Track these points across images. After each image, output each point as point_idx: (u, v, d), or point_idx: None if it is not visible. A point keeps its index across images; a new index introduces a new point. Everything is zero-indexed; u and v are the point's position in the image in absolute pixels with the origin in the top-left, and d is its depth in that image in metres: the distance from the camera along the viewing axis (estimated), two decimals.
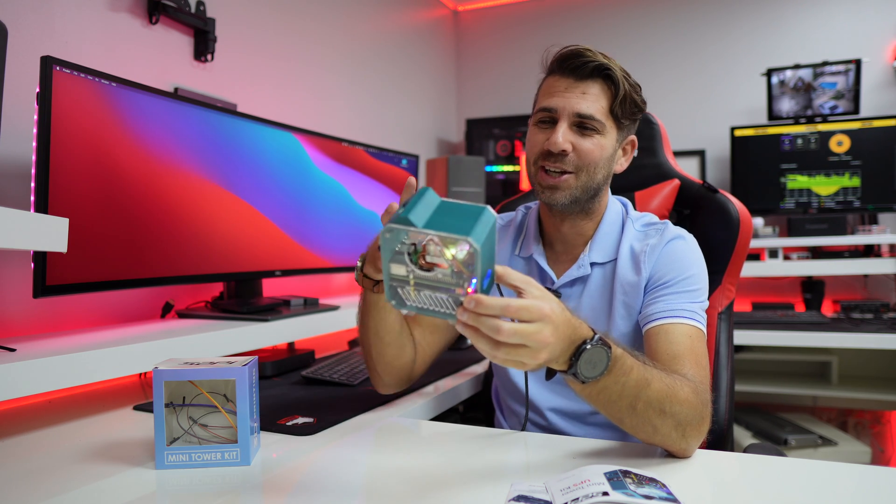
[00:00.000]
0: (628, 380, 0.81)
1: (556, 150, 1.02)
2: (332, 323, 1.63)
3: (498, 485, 0.77)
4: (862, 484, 0.81)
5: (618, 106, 1.04)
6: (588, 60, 1.02)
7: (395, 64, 2.84)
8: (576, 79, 1.03)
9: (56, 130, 1.11)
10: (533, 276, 1.12)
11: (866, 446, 2.37)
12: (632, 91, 1.05)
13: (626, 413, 0.83)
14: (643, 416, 0.83)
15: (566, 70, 1.04)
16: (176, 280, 1.36)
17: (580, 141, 1.03)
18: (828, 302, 2.70)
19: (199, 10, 1.73)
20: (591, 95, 1.03)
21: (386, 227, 0.67)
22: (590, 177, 1.05)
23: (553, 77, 1.07)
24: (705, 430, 0.88)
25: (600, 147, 1.04)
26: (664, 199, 1.38)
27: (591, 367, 0.77)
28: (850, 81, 2.63)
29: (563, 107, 1.03)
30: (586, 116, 1.02)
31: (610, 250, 1.10)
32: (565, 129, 1.03)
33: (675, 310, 0.99)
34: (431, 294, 0.69)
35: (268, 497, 0.80)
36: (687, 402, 0.85)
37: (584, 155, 1.03)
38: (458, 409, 1.59)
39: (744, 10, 2.93)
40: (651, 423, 0.83)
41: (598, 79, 1.03)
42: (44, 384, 1.00)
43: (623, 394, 0.81)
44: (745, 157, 2.75)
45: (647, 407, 0.82)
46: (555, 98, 1.04)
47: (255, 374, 0.91)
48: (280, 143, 1.64)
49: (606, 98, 1.04)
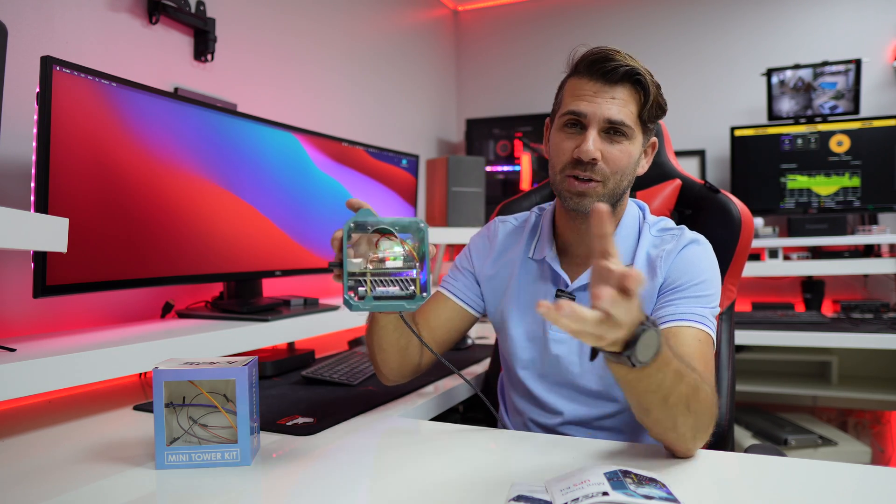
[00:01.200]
0: (668, 371, 0.79)
1: (587, 159, 1.01)
2: (332, 323, 1.63)
3: (498, 485, 0.77)
4: (862, 484, 0.81)
5: (646, 111, 1.02)
6: (619, 65, 1.00)
7: (396, 64, 2.84)
8: (605, 83, 1.01)
9: (56, 130, 1.11)
10: (546, 279, 1.13)
11: (866, 446, 2.37)
12: (658, 95, 1.04)
13: (658, 405, 0.82)
14: (672, 410, 0.82)
15: (595, 74, 1.01)
16: (176, 280, 1.36)
17: (608, 148, 1.02)
18: (828, 302, 2.70)
19: (199, 10, 1.73)
20: (620, 101, 1.01)
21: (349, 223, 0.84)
22: (616, 184, 1.04)
23: (580, 79, 1.04)
24: (710, 433, 0.88)
25: (628, 154, 1.03)
26: (665, 199, 1.38)
27: (646, 350, 0.75)
28: (850, 81, 2.63)
29: (594, 112, 1.01)
30: (617, 122, 1.00)
31: (626, 255, 1.09)
32: (595, 136, 1.01)
33: (685, 313, 0.99)
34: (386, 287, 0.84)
35: (268, 497, 0.80)
36: (706, 402, 0.85)
37: (612, 162, 1.02)
38: (458, 409, 1.59)
39: (744, 10, 2.93)
40: (674, 419, 0.83)
41: (626, 83, 1.01)
42: (44, 384, 1.00)
43: (662, 384, 0.80)
44: (745, 157, 2.75)
45: (677, 402, 0.82)
46: (584, 103, 1.02)
47: (255, 374, 0.91)
48: (280, 143, 1.64)
49: (635, 103, 1.02)
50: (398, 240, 0.87)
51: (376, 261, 0.86)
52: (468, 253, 1.24)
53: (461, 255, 1.25)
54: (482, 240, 1.24)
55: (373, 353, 1.11)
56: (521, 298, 1.15)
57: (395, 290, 0.86)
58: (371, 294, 0.85)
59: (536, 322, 1.12)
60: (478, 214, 2.36)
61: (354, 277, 0.85)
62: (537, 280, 1.14)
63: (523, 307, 1.14)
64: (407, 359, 1.11)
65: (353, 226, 0.85)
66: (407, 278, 0.86)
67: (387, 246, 0.86)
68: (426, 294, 0.86)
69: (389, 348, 1.08)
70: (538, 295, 1.13)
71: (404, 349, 1.10)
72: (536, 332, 1.12)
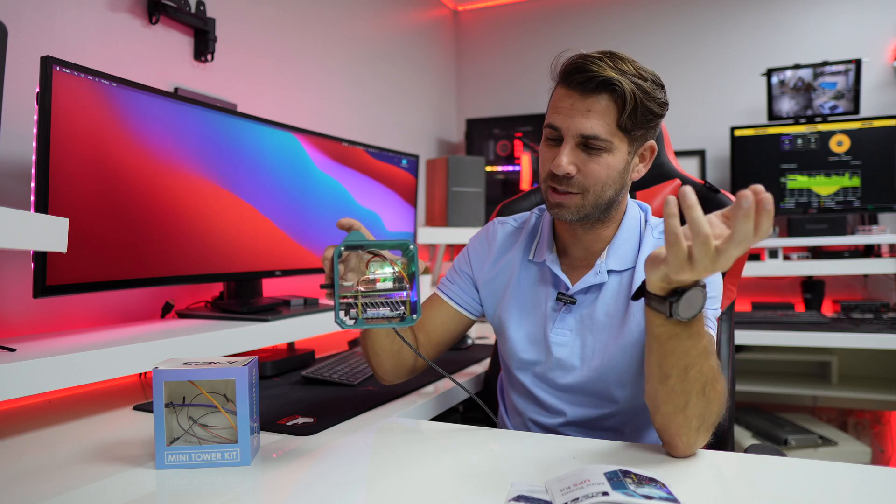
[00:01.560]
0: (698, 341, 0.82)
1: (560, 174, 1.00)
2: (332, 323, 1.62)
3: (498, 485, 0.77)
4: (862, 484, 0.81)
5: (626, 119, 0.98)
6: (593, 75, 0.97)
7: (396, 64, 2.84)
8: (581, 93, 0.99)
9: (56, 130, 1.11)
10: (546, 282, 1.13)
11: (866, 446, 2.37)
12: (644, 99, 0.99)
13: (678, 374, 0.83)
14: (689, 384, 0.83)
15: (571, 84, 1.00)
16: (176, 280, 1.36)
17: (586, 162, 1.00)
18: (828, 302, 2.70)
19: (199, 10, 1.73)
20: (595, 113, 0.98)
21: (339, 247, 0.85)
22: (597, 195, 1.02)
23: (560, 89, 1.02)
24: (711, 433, 0.89)
25: (607, 167, 1.00)
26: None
27: (689, 307, 0.79)
28: (850, 81, 2.63)
29: (567, 127, 0.99)
30: (591, 137, 0.98)
31: (628, 258, 1.08)
32: (569, 150, 1.00)
33: None
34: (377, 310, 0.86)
35: (268, 497, 0.80)
36: (720, 393, 0.86)
37: (590, 175, 1.00)
38: (458, 409, 1.59)
39: (744, 10, 2.93)
40: (688, 397, 0.84)
41: (604, 93, 0.98)
42: (44, 384, 1.00)
43: (688, 352, 0.82)
44: (745, 157, 2.75)
45: (696, 378, 0.83)
46: (560, 116, 1.01)
47: (255, 374, 0.91)
48: (280, 143, 1.64)
49: (614, 113, 0.98)
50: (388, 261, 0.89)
51: (367, 281, 0.88)
52: (466, 256, 1.23)
53: (459, 257, 1.24)
54: (481, 242, 1.23)
55: (368, 357, 1.13)
56: (521, 301, 1.15)
57: (385, 312, 0.87)
58: (362, 317, 0.87)
59: (537, 324, 1.12)
60: (478, 214, 2.36)
61: (346, 300, 0.86)
62: (537, 283, 1.14)
63: (523, 309, 1.14)
64: (401, 362, 1.13)
65: (343, 249, 0.87)
66: (397, 300, 0.88)
67: (377, 267, 0.88)
68: (416, 316, 0.88)
69: (382, 353, 1.10)
70: (538, 297, 1.13)
71: (397, 353, 1.11)
72: (537, 334, 1.12)
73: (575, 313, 1.09)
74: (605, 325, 1.07)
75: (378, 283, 0.87)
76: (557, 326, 1.10)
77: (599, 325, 1.07)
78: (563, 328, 1.09)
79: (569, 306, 1.09)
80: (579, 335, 1.08)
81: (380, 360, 1.12)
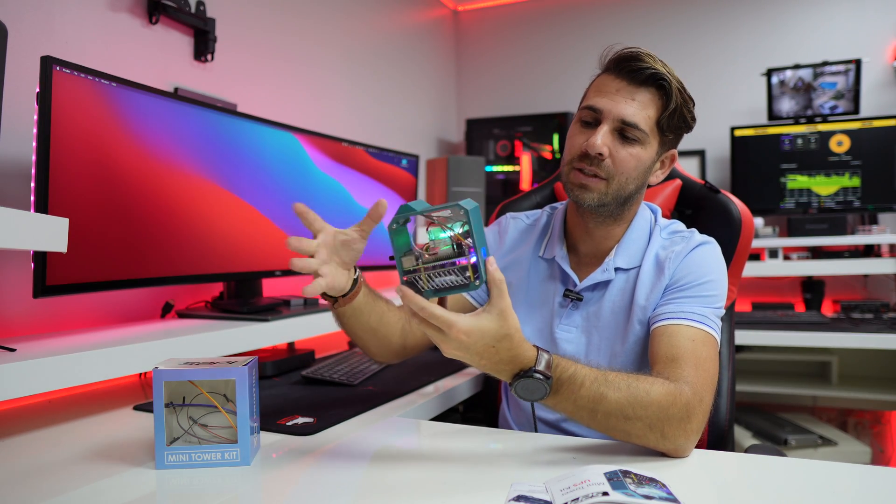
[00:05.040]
0: (579, 396, 0.84)
1: (593, 153, 1.00)
2: (332, 323, 1.60)
3: (498, 485, 0.77)
4: (862, 484, 0.81)
5: (665, 118, 1.01)
6: (645, 66, 0.99)
7: (395, 64, 2.84)
8: (629, 82, 1.01)
9: (56, 130, 1.11)
10: (555, 278, 1.14)
11: (866, 446, 2.37)
12: (683, 105, 1.02)
13: (588, 421, 0.86)
14: (606, 423, 0.86)
15: (621, 72, 1.02)
16: (176, 280, 1.36)
17: (619, 148, 1.01)
18: (828, 302, 2.70)
19: (199, 10, 1.73)
20: (639, 102, 1.00)
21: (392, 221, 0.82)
22: (621, 186, 1.03)
23: (607, 76, 1.04)
24: (695, 428, 0.87)
25: (637, 158, 1.02)
26: (666, 200, 1.38)
27: (529, 393, 0.83)
28: (850, 81, 2.63)
29: (609, 109, 1.01)
30: (630, 124, 1.00)
31: (636, 257, 1.09)
32: (606, 132, 1.01)
33: (683, 312, 0.98)
34: (442, 278, 0.81)
35: (268, 497, 0.80)
36: (657, 403, 0.85)
37: (619, 163, 1.01)
38: (458, 409, 1.60)
39: (744, 10, 2.93)
40: (618, 429, 0.86)
41: (651, 87, 1.01)
42: (44, 384, 1.00)
43: (578, 406, 0.85)
44: (745, 157, 2.75)
45: (606, 416, 0.85)
46: (603, 98, 1.02)
47: (255, 374, 0.91)
48: (280, 143, 1.64)
49: (655, 108, 1.01)
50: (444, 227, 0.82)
51: (425, 248, 0.83)
52: None
53: None
54: (492, 235, 1.25)
55: (353, 340, 1.10)
56: (530, 296, 1.15)
57: (451, 280, 0.82)
58: (429, 289, 0.83)
59: (544, 320, 1.13)
60: None
61: (409, 275, 0.82)
62: (546, 279, 1.15)
63: (531, 305, 1.15)
64: (384, 340, 1.09)
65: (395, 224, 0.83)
66: (458, 266, 0.81)
67: (435, 233, 0.82)
68: (478, 282, 0.81)
69: (362, 333, 1.06)
70: (547, 294, 1.14)
71: (375, 331, 1.06)
72: (544, 330, 1.13)
73: (582, 310, 1.10)
74: (611, 323, 1.08)
75: (439, 250, 0.83)
76: (564, 323, 1.11)
77: (605, 323, 1.08)
78: (569, 325, 1.10)
79: (576, 303, 1.10)
80: (585, 332, 1.09)
81: (362, 342, 1.09)
